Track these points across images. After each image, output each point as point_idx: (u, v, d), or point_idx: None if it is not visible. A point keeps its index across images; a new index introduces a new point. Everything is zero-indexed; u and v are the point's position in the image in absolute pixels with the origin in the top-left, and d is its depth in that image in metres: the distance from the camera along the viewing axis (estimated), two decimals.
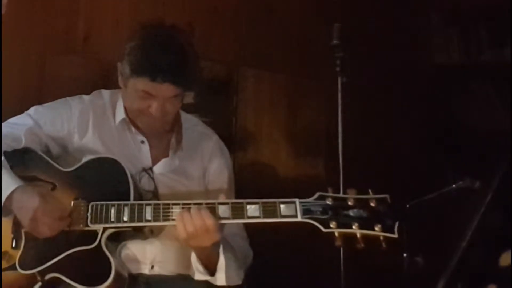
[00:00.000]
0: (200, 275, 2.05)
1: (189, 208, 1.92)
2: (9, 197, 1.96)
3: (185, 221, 1.90)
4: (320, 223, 1.86)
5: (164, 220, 1.95)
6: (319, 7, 3.49)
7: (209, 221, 1.89)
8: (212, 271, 2.04)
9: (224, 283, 2.04)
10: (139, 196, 2.09)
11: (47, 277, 1.98)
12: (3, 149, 2.06)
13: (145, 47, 2.06)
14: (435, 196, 2.53)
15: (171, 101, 2.10)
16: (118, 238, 2.08)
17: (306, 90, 3.45)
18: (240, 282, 2.13)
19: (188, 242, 1.96)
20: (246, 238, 2.26)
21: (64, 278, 1.97)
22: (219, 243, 1.99)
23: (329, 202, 1.88)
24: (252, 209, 1.91)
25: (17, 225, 2.03)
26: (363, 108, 3.28)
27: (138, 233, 2.09)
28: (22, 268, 1.99)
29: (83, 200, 2.02)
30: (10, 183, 1.97)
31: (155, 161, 2.23)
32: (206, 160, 2.30)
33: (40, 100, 2.40)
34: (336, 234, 1.85)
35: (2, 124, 2.16)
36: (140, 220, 1.97)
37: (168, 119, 2.19)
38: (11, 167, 2.03)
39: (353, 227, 1.84)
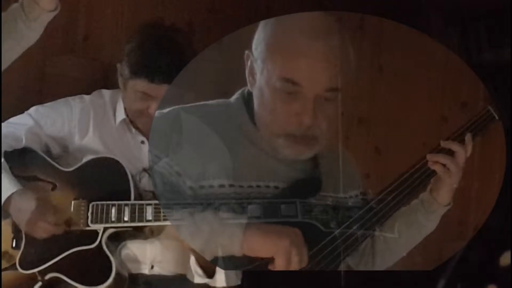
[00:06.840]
0: (199, 278, 2.05)
1: None
2: (7, 200, 1.97)
3: None
4: (321, 223, 1.86)
5: (165, 220, 1.95)
6: (319, 7, 3.49)
7: None
8: (211, 273, 2.04)
9: (224, 284, 2.04)
10: (140, 196, 2.09)
11: (47, 277, 1.98)
12: (3, 149, 2.06)
13: (144, 48, 2.07)
14: None
15: None
16: (118, 238, 2.08)
17: None
18: (239, 283, 2.13)
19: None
20: None
21: (64, 278, 1.97)
22: None
23: (329, 202, 1.88)
24: (253, 209, 1.91)
25: (17, 225, 2.03)
26: (363, 107, 3.27)
27: (139, 233, 2.09)
28: (22, 268, 1.99)
29: (83, 200, 2.02)
30: (8, 186, 1.98)
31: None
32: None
33: (40, 100, 2.40)
34: (337, 235, 1.85)
35: (2, 124, 2.16)
36: (141, 220, 1.97)
37: None
38: (11, 168, 2.03)
39: (354, 227, 1.84)
